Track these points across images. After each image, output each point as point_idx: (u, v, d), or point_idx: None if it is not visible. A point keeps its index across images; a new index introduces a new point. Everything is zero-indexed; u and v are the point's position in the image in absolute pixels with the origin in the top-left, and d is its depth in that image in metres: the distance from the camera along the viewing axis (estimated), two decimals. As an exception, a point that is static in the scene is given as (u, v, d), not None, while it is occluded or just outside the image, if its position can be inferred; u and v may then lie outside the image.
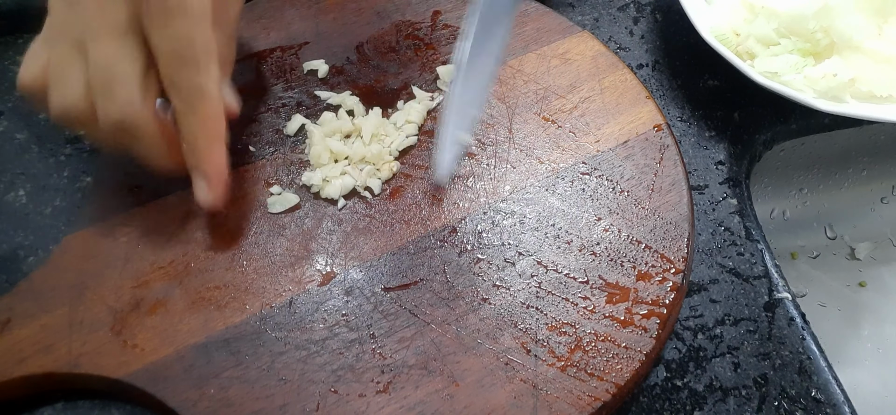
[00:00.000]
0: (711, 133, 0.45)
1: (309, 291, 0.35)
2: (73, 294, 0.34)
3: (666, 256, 0.36)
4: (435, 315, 0.34)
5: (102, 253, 0.36)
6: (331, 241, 0.37)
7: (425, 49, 0.45)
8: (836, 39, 0.44)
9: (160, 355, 0.33)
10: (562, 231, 0.37)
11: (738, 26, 0.46)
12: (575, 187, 0.39)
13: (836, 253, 0.57)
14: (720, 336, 0.37)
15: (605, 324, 0.34)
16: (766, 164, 0.52)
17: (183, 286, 0.35)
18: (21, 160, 0.42)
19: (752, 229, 0.41)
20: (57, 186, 0.41)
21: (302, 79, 0.43)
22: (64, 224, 0.40)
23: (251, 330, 0.34)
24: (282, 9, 0.47)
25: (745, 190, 0.43)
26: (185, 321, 0.34)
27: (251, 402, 0.31)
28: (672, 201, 0.38)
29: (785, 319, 0.37)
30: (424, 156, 0.40)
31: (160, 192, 0.38)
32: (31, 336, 0.33)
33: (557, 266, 0.36)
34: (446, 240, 0.37)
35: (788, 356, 0.36)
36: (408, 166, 0.40)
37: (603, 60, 0.44)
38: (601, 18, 0.51)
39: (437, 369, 0.32)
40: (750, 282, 0.38)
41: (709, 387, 0.35)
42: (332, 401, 0.31)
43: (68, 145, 0.43)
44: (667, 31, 0.50)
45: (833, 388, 0.35)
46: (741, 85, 0.44)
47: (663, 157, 0.40)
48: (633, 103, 0.42)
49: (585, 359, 0.33)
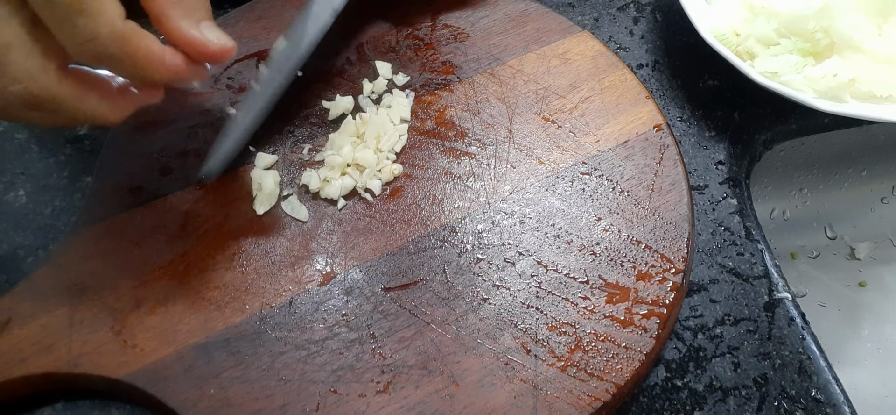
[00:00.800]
0: (711, 133, 0.45)
1: (309, 291, 0.35)
2: (73, 294, 0.34)
3: (666, 256, 0.36)
4: (435, 315, 0.34)
5: (102, 253, 0.36)
6: (331, 241, 0.37)
7: (425, 49, 0.45)
8: (836, 39, 0.44)
9: (160, 355, 0.33)
10: (562, 231, 0.37)
11: (738, 26, 0.46)
12: (575, 187, 0.39)
13: (836, 253, 0.57)
14: (720, 336, 0.37)
15: (605, 324, 0.34)
16: (766, 164, 0.52)
17: (183, 286, 0.35)
18: (21, 160, 0.42)
19: (752, 229, 0.41)
20: (57, 186, 0.41)
21: (302, 79, 0.43)
22: (64, 224, 0.40)
23: (251, 330, 0.34)
24: (282, 9, 0.47)
25: (745, 190, 0.43)
26: (185, 321, 0.34)
27: (251, 402, 0.31)
28: (672, 201, 0.38)
29: (785, 319, 0.37)
30: (424, 156, 0.40)
31: (160, 192, 0.38)
32: (31, 336, 0.33)
33: (557, 266, 0.36)
34: (446, 240, 0.37)
35: (788, 356, 0.36)
36: (408, 166, 0.40)
37: (603, 60, 0.44)
38: (601, 18, 0.51)
39: (437, 369, 0.32)
40: (750, 282, 0.38)
41: (709, 387, 0.35)
42: (332, 401, 0.31)
43: (68, 145, 0.43)
44: (667, 31, 0.50)
45: (833, 388, 0.35)
46: (741, 85, 0.44)
47: (663, 157, 0.40)
48: (633, 103, 0.42)
49: (585, 359, 0.33)
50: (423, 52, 0.45)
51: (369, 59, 0.44)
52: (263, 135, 0.41)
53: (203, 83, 0.43)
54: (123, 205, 0.38)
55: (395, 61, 0.44)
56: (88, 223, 0.37)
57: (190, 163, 0.39)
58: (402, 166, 0.40)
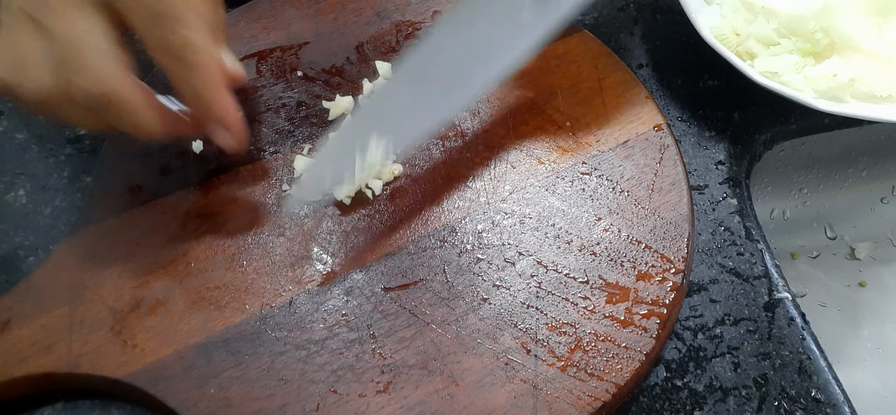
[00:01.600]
0: (711, 133, 0.45)
1: (309, 291, 0.35)
2: (73, 294, 0.34)
3: (666, 256, 0.36)
4: (435, 315, 0.34)
5: (102, 253, 0.36)
6: (331, 241, 0.37)
7: (425, 49, 0.45)
8: (836, 39, 0.44)
9: (160, 355, 0.33)
10: (562, 231, 0.37)
11: (738, 26, 0.46)
12: (575, 187, 0.39)
13: (836, 253, 0.57)
14: (720, 336, 0.37)
15: (605, 324, 0.34)
16: (766, 164, 0.52)
17: (183, 286, 0.35)
18: (21, 160, 0.42)
19: (752, 229, 0.41)
20: (57, 186, 0.41)
21: (302, 79, 0.43)
22: (64, 224, 0.40)
23: (251, 330, 0.34)
24: (282, 9, 0.47)
25: (745, 190, 0.43)
26: (185, 321, 0.34)
27: (251, 402, 0.31)
28: (672, 201, 0.38)
29: (785, 319, 0.37)
30: (424, 156, 0.40)
31: (160, 192, 0.38)
32: (31, 336, 0.33)
33: (557, 266, 0.36)
34: (446, 240, 0.37)
35: (788, 356, 0.36)
36: (408, 167, 0.40)
37: (603, 60, 0.44)
38: (601, 18, 0.51)
39: (437, 369, 0.32)
40: (750, 282, 0.38)
41: (709, 387, 0.35)
42: (332, 401, 0.31)
43: (68, 145, 0.43)
44: (667, 31, 0.50)
45: (833, 388, 0.35)
46: (741, 85, 0.44)
47: (663, 157, 0.40)
48: (633, 103, 0.42)
49: (585, 359, 0.33)
50: (423, 52, 0.45)
51: (369, 59, 0.44)
52: (264, 135, 0.41)
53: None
54: (123, 205, 0.38)
55: (395, 61, 0.44)
56: (88, 223, 0.37)
57: (190, 163, 0.39)
58: (402, 166, 0.40)
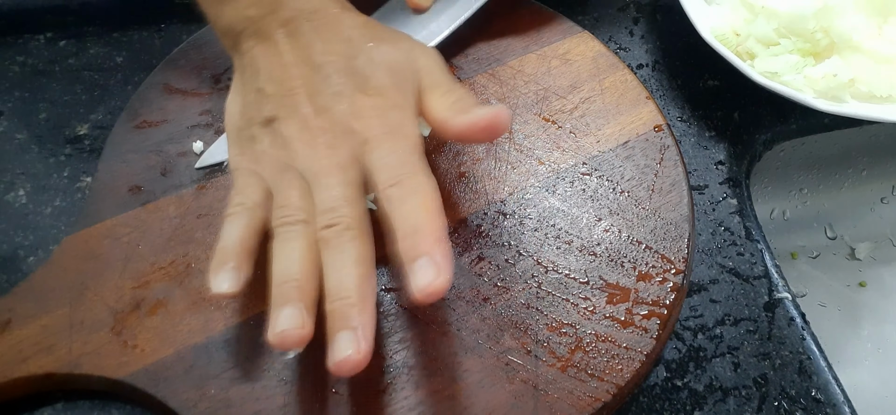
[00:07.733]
0: (711, 133, 0.45)
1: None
2: (73, 294, 0.34)
3: (666, 257, 0.36)
4: (435, 315, 0.34)
5: (102, 253, 0.36)
6: (331, 241, 0.37)
7: (425, 49, 0.45)
8: (836, 39, 0.44)
9: (160, 355, 0.33)
10: (562, 232, 0.37)
11: (738, 26, 0.46)
12: (575, 188, 0.39)
13: (836, 253, 0.57)
14: (720, 336, 0.37)
15: (605, 324, 0.34)
16: (766, 164, 0.52)
17: (183, 287, 0.35)
18: (21, 160, 0.42)
19: (752, 229, 0.41)
20: (57, 186, 0.41)
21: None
22: (64, 224, 0.40)
23: (252, 330, 0.33)
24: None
25: (745, 190, 0.43)
26: (186, 322, 0.34)
27: (251, 402, 0.31)
28: (672, 202, 0.38)
29: (785, 319, 0.37)
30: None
31: (160, 192, 0.38)
32: (31, 337, 0.33)
33: (558, 267, 0.36)
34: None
35: (788, 356, 0.36)
36: (408, 166, 0.40)
37: (603, 61, 0.44)
38: (601, 18, 0.51)
39: (438, 370, 0.32)
40: (750, 282, 0.38)
41: (709, 387, 0.35)
42: (332, 401, 0.31)
43: (68, 145, 0.43)
44: (667, 31, 0.50)
45: (833, 388, 0.35)
46: (741, 85, 0.44)
47: (663, 157, 0.40)
48: (634, 104, 0.42)
49: (586, 359, 0.33)
50: (424, 53, 0.45)
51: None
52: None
53: (203, 83, 0.43)
54: (123, 205, 0.38)
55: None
56: (88, 223, 0.37)
57: (190, 163, 0.39)
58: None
